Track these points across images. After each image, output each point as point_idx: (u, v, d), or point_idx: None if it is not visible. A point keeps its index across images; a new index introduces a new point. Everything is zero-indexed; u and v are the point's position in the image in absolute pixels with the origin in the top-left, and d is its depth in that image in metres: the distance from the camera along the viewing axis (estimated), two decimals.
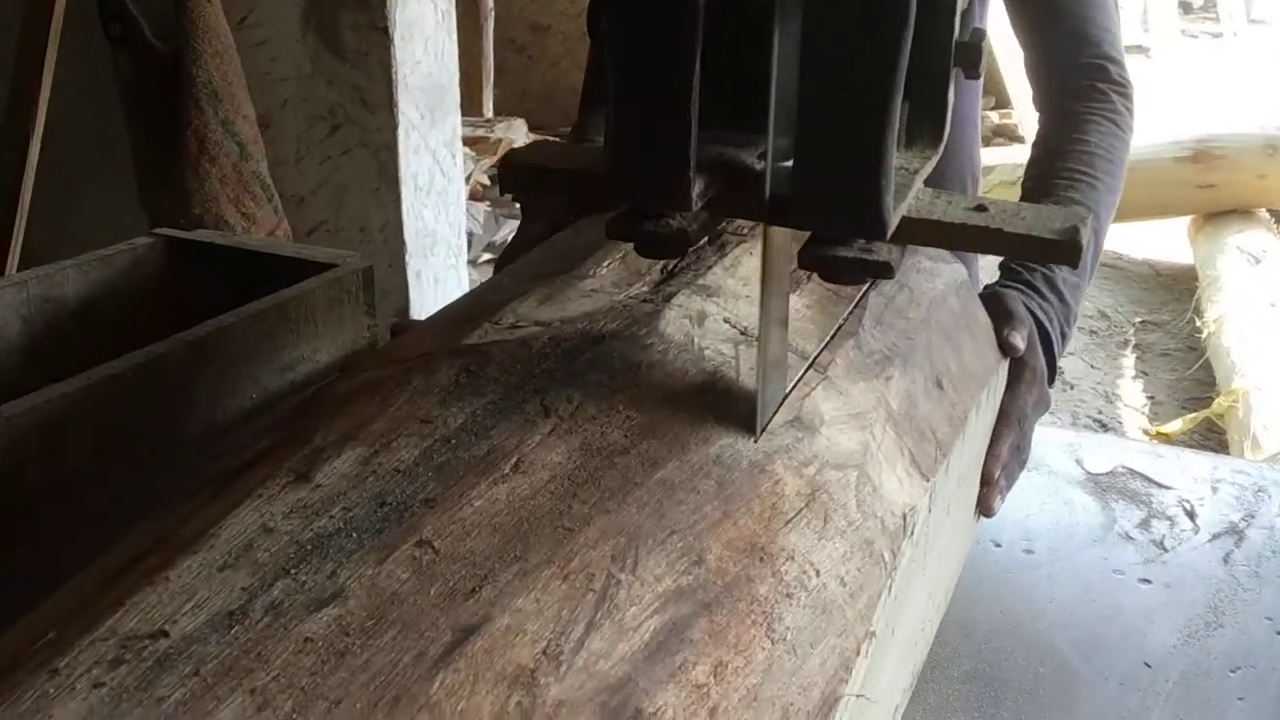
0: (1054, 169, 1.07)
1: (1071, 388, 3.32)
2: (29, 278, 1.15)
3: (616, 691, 0.40)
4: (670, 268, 0.68)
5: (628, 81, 0.50)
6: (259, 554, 0.44)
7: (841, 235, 0.49)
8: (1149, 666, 0.85)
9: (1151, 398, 3.34)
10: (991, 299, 0.91)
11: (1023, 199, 1.07)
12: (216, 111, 2.16)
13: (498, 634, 0.40)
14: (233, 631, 0.40)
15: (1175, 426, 3.00)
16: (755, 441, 0.53)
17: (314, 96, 2.26)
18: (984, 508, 0.86)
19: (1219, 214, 4.09)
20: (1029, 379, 0.89)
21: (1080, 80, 1.10)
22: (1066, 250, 0.48)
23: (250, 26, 2.23)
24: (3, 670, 0.39)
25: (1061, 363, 1.00)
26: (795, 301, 0.65)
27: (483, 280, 0.92)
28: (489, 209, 3.52)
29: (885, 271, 0.48)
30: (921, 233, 0.50)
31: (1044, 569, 0.97)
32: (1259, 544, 1.01)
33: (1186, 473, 1.14)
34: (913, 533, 0.58)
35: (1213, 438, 2.95)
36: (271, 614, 0.40)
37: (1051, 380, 0.96)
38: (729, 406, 0.56)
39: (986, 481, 0.85)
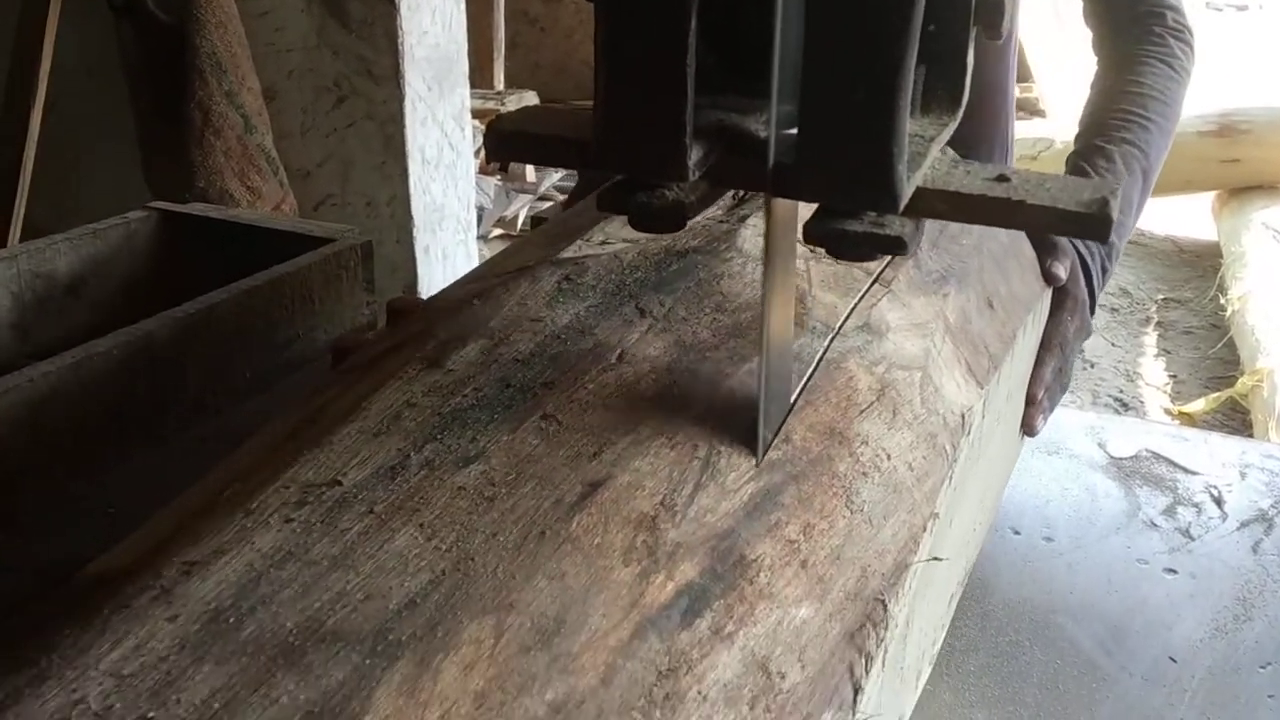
0: (1108, 110, 1.08)
1: (1092, 366, 3.26)
2: (19, 252, 1.13)
3: (723, 539, 0.47)
4: (741, 196, 0.75)
5: (617, 39, 0.46)
6: (407, 423, 0.51)
7: (851, 208, 0.45)
8: (1174, 661, 0.81)
9: (1174, 376, 3.28)
10: None
11: (1076, 139, 1.10)
12: (220, 83, 2.12)
13: (620, 488, 0.47)
14: (395, 481, 0.47)
15: (1198, 406, 2.95)
16: (758, 462, 0.52)
17: (319, 68, 2.22)
18: (1028, 427, 0.91)
19: (1244, 189, 4.01)
20: (1070, 307, 0.95)
21: (1138, 26, 1.12)
22: (1095, 224, 0.44)
23: None
24: (201, 513, 0.46)
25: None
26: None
27: (494, 255, 0.90)
28: (500, 183, 3.47)
29: (899, 247, 0.44)
30: (938, 205, 0.46)
31: (1064, 557, 0.93)
32: None
33: (1214, 457, 1.09)
34: (969, 432, 0.65)
35: (1236, 418, 2.90)
36: (426, 469, 0.47)
37: (1092, 310, 1.00)
38: (803, 313, 0.63)
39: (1031, 401, 0.90)
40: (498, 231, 3.41)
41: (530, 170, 3.57)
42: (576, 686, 0.39)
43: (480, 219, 2.77)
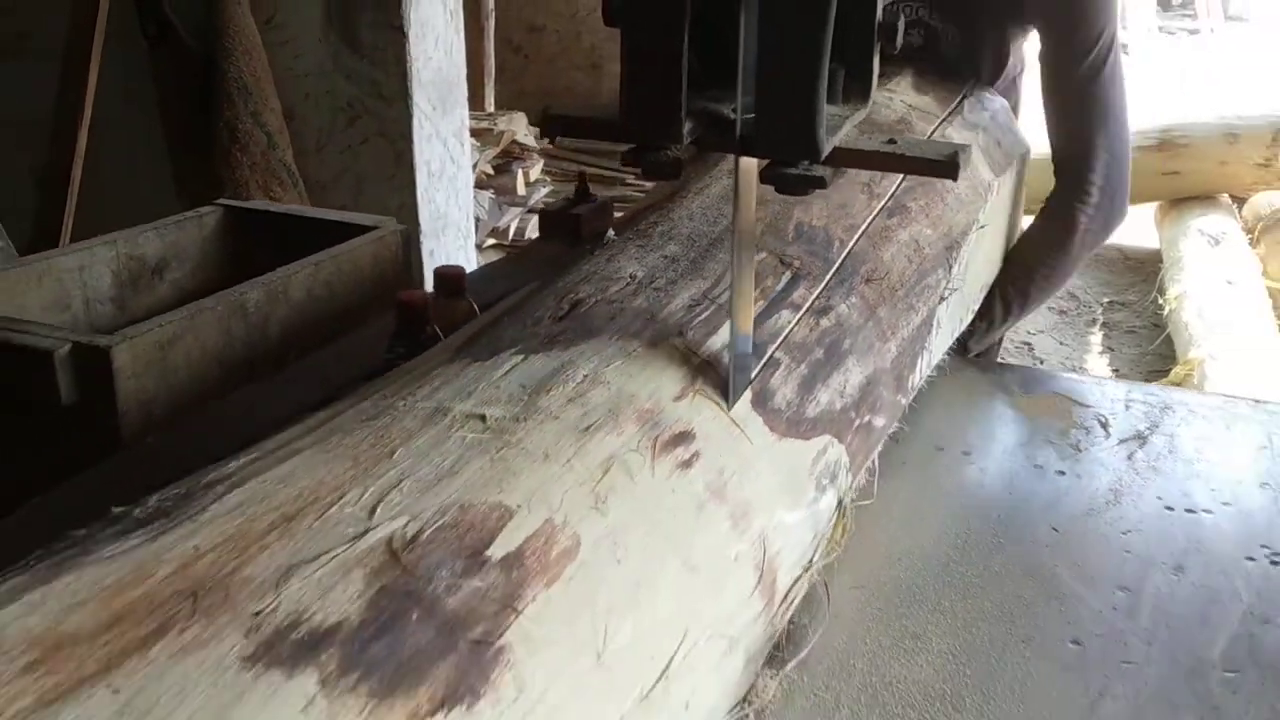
0: (1018, 254, 1.57)
1: (1041, 363, 3.52)
2: (117, 238, 1.35)
3: (893, 214, 1.12)
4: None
5: (635, 53, 0.70)
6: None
7: (789, 159, 0.69)
8: (1056, 531, 1.05)
9: (1116, 370, 3.54)
10: None
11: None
12: (246, 104, 2.35)
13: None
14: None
15: None
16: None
17: (335, 90, 2.45)
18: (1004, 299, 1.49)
19: (1183, 200, 4.30)
20: (1084, 228, 1.46)
21: (1065, 177, 1.51)
22: (947, 168, 0.68)
23: (276, 27, 2.42)
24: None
25: (1031, 339, 1.46)
26: (919, 99, 1.37)
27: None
28: (493, 197, 3.72)
29: (820, 183, 0.68)
30: (848, 157, 0.70)
31: (977, 465, 1.17)
32: (1159, 446, 1.21)
33: (1105, 395, 1.34)
34: (987, 199, 1.27)
35: None
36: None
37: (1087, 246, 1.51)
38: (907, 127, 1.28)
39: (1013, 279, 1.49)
40: (491, 241, 3.65)
41: (520, 184, 3.83)
42: None
43: (475, 229, 3.00)
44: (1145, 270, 4.26)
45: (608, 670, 0.56)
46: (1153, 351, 3.60)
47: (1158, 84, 6.88)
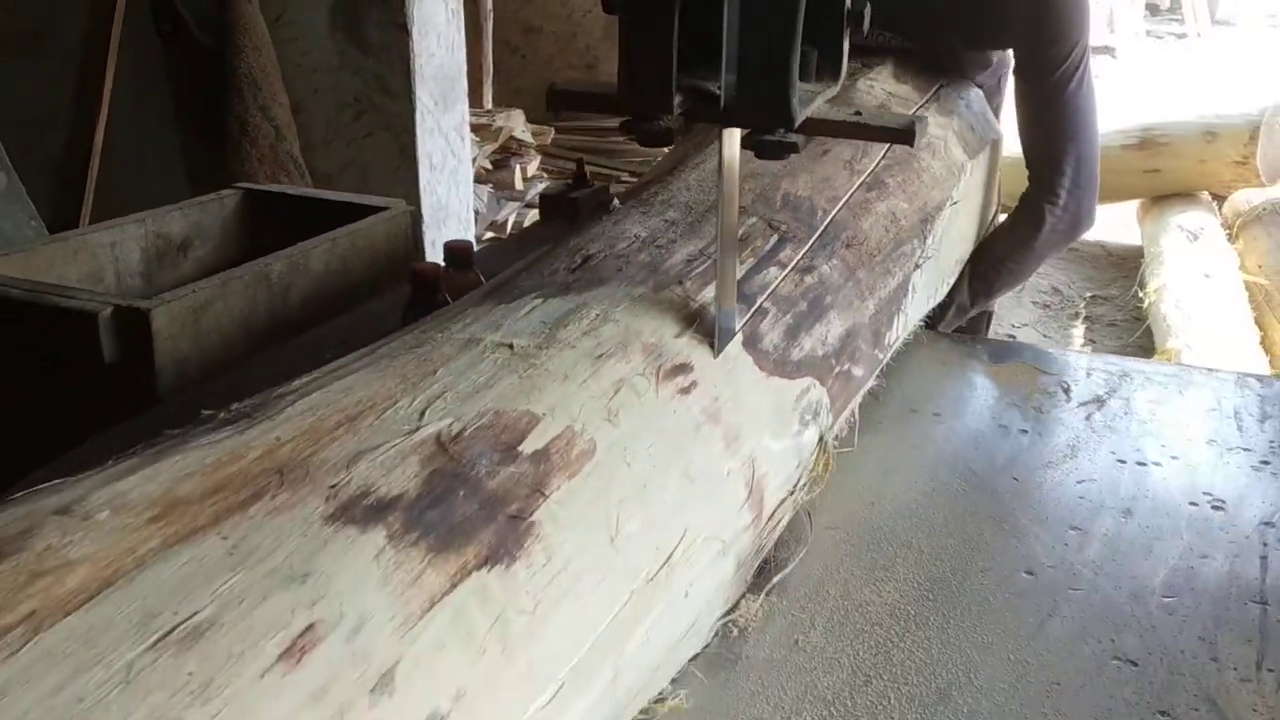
0: (987, 248, 1.68)
1: None
2: (145, 217, 1.44)
3: (872, 188, 1.22)
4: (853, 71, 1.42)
5: (633, 36, 0.79)
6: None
7: (767, 128, 0.79)
8: (1016, 480, 1.14)
9: None
10: None
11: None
12: (255, 99, 2.45)
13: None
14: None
15: None
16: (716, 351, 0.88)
17: (341, 85, 2.54)
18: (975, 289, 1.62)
19: (1164, 197, 4.40)
20: (1050, 227, 1.57)
21: (1032, 187, 1.63)
22: (904, 134, 0.78)
23: (285, 24, 2.52)
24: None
25: (1016, 332, 1.56)
26: (898, 86, 1.48)
27: None
28: (492, 190, 3.82)
29: (794, 149, 0.78)
30: (818, 126, 0.79)
31: (946, 424, 1.27)
32: (1115, 409, 1.31)
33: (1069, 364, 1.44)
34: (961, 179, 1.39)
35: None
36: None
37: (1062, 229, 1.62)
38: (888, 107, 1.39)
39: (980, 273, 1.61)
40: (489, 234, 3.74)
41: (518, 179, 3.92)
42: None
43: (475, 221, 3.09)
44: (1127, 266, 4.36)
45: (620, 553, 0.66)
46: (1133, 344, 3.70)
47: (1143, 87, 7.00)
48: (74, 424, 1.08)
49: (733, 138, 0.82)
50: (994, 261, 1.63)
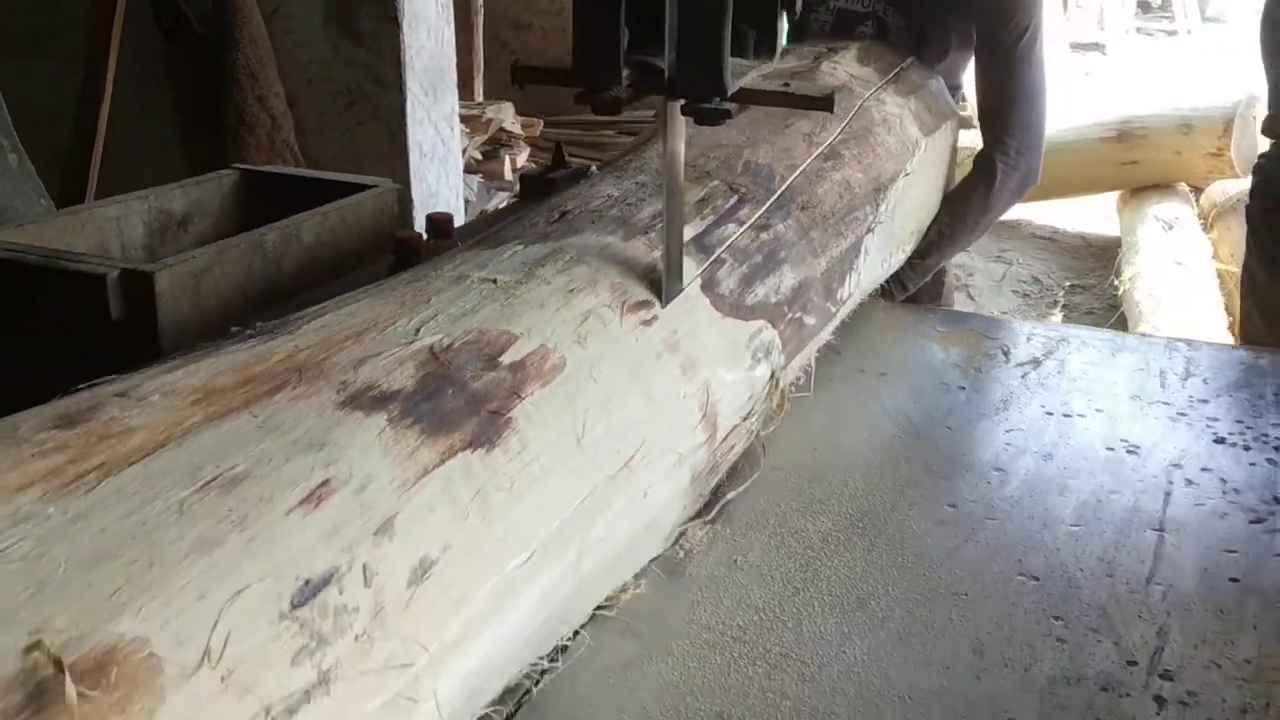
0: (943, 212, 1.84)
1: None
2: (149, 194, 1.54)
3: (829, 159, 1.34)
4: (819, 55, 1.58)
5: (585, 16, 0.90)
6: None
7: (704, 97, 0.89)
8: (950, 429, 1.24)
9: None
10: None
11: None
12: (252, 89, 2.55)
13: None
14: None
15: None
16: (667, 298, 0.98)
17: (334, 76, 2.65)
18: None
19: (1142, 189, 4.51)
20: (1001, 182, 1.76)
21: (986, 151, 1.82)
22: (824, 102, 0.88)
23: (281, 17, 2.62)
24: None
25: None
26: (860, 70, 1.59)
27: None
28: (482, 181, 3.93)
29: (728, 115, 0.88)
30: (749, 95, 0.90)
31: (890, 381, 1.37)
32: (1050, 369, 1.41)
33: (1012, 330, 1.54)
34: (915, 154, 1.51)
35: None
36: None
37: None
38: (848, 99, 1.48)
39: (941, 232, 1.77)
40: None
41: (507, 170, 4.03)
42: None
43: (465, 211, 3.19)
44: (1106, 256, 4.47)
45: (585, 452, 0.78)
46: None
47: (1129, 83, 7.10)
48: (84, 377, 1.18)
49: (675, 107, 0.93)
50: (953, 217, 1.80)
